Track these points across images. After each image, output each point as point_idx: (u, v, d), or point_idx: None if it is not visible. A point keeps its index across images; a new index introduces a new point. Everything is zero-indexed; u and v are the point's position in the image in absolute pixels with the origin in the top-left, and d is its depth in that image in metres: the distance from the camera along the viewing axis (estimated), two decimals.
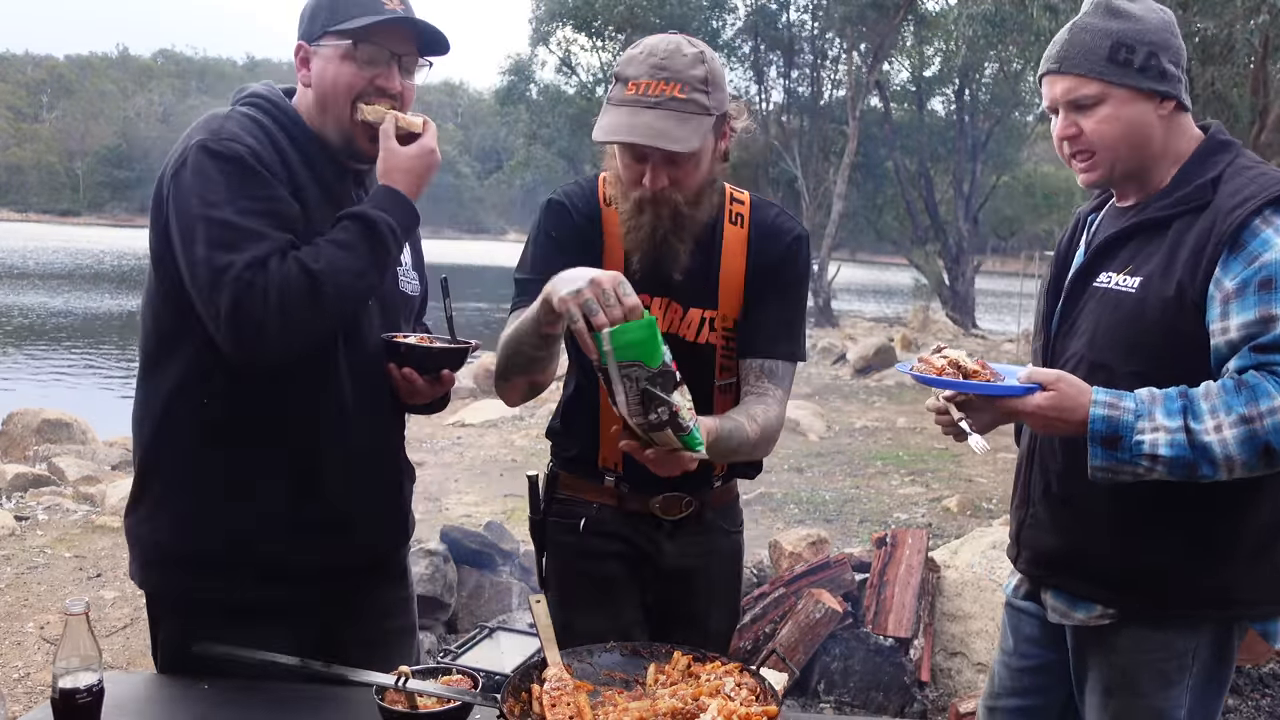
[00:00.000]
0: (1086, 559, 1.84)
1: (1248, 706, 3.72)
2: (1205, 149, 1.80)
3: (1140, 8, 1.78)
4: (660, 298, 1.97)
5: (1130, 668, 1.82)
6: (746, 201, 2.04)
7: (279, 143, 1.77)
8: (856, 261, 41.85)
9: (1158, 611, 1.80)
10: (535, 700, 1.53)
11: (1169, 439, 1.60)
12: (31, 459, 8.18)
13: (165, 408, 1.80)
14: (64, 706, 1.49)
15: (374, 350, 1.86)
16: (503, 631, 3.98)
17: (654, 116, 1.78)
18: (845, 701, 3.72)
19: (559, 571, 2.13)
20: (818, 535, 4.48)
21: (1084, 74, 1.76)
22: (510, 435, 9.40)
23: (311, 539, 1.81)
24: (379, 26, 1.77)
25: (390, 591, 2.03)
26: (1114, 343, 1.77)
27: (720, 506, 2.15)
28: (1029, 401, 1.68)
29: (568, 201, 2.00)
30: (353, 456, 1.85)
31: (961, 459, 8.39)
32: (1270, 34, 9.94)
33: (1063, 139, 1.83)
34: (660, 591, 2.12)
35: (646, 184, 1.83)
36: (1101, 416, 1.64)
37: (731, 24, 24.56)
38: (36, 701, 3.59)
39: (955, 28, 13.01)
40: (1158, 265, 1.74)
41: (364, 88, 1.79)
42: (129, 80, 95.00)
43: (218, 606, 1.78)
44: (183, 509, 1.80)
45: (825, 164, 23.61)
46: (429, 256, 2.20)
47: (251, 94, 1.85)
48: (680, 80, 1.79)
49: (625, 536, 2.07)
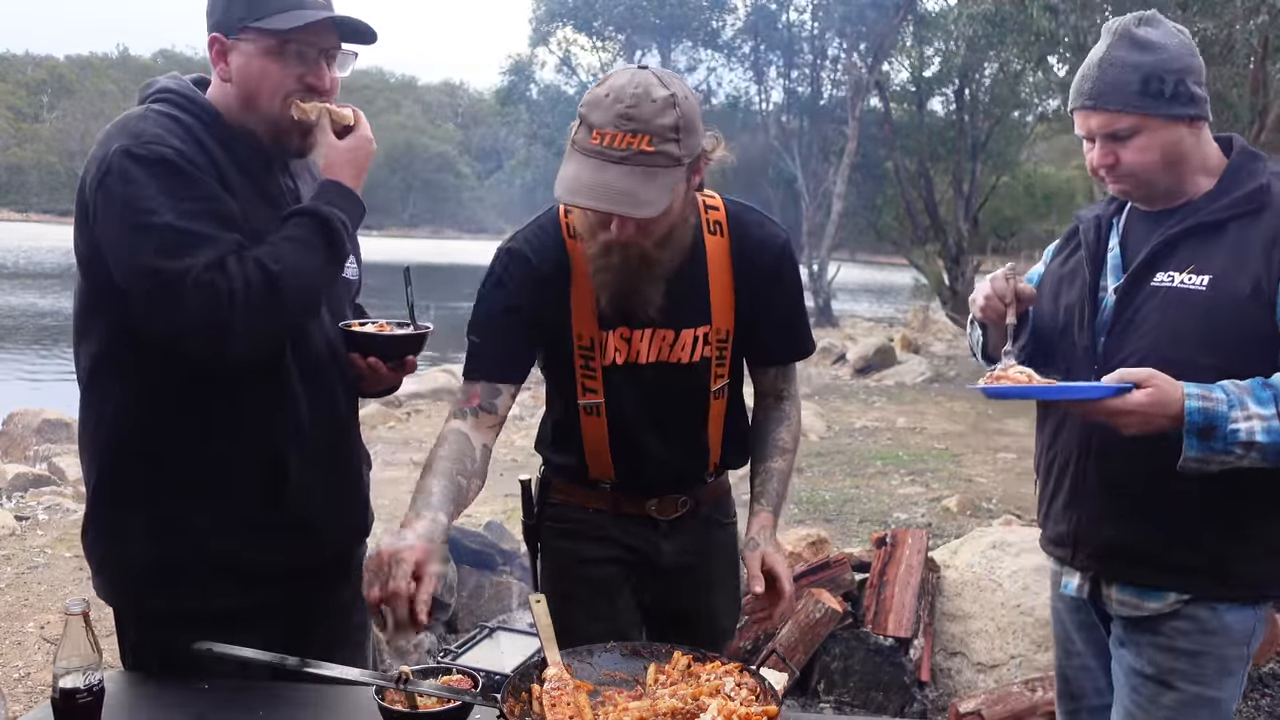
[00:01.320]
0: (1157, 548, 1.90)
1: (1248, 706, 3.72)
2: (1242, 158, 1.91)
3: (1160, 34, 1.85)
4: (646, 329, 1.90)
5: (1195, 654, 1.89)
6: (721, 207, 1.96)
7: (202, 140, 1.74)
8: (856, 261, 41.77)
9: (1228, 594, 1.88)
10: (535, 700, 1.53)
11: (1265, 425, 1.69)
12: (31, 459, 8.18)
13: (111, 425, 1.79)
14: (64, 706, 1.49)
15: (323, 345, 1.86)
16: (503, 631, 3.98)
17: (619, 174, 1.66)
18: (845, 701, 3.72)
19: (554, 576, 2.11)
20: (818, 535, 4.48)
21: (1118, 109, 1.83)
22: (510, 435, 9.39)
23: (274, 542, 1.81)
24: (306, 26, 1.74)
25: (350, 587, 2.01)
26: (1187, 339, 1.83)
27: (713, 500, 2.14)
28: (1129, 400, 1.73)
29: (527, 249, 1.90)
30: (311, 455, 1.84)
31: (961, 459, 8.39)
32: (1270, 34, 9.95)
33: (1100, 167, 1.90)
34: (660, 591, 2.11)
35: (613, 231, 1.74)
36: (1197, 409, 1.71)
37: (731, 24, 24.56)
38: (36, 701, 3.59)
39: (955, 28, 13.01)
40: (1227, 263, 1.82)
41: (294, 87, 1.77)
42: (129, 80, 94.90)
43: (181, 615, 1.78)
44: (138, 521, 1.78)
45: (825, 164, 23.60)
46: (430, 256, 2.22)
47: (162, 90, 1.80)
48: (648, 131, 1.66)
49: (621, 539, 2.06)
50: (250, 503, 1.79)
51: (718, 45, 25.07)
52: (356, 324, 1.93)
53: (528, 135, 28.49)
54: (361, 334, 1.90)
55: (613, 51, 25.76)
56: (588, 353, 1.92)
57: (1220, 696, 1.90)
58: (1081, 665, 2.14)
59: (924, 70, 23.74)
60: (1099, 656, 2.09)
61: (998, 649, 3.88)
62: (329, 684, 1.70)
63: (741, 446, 2.14)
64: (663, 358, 1.93)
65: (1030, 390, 1.82)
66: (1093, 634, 2.10)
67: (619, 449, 1.99)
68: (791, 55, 24.08)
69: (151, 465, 1.77)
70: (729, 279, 1.95)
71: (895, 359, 15.08)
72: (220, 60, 1.78)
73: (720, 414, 2.05)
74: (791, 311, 2.05)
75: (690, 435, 2.02)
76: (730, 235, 1.95)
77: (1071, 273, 2.06)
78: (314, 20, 1.74)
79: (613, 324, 1.90)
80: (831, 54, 24.14)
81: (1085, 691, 2.14)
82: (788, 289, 2.02)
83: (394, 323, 1.98)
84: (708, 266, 1.93)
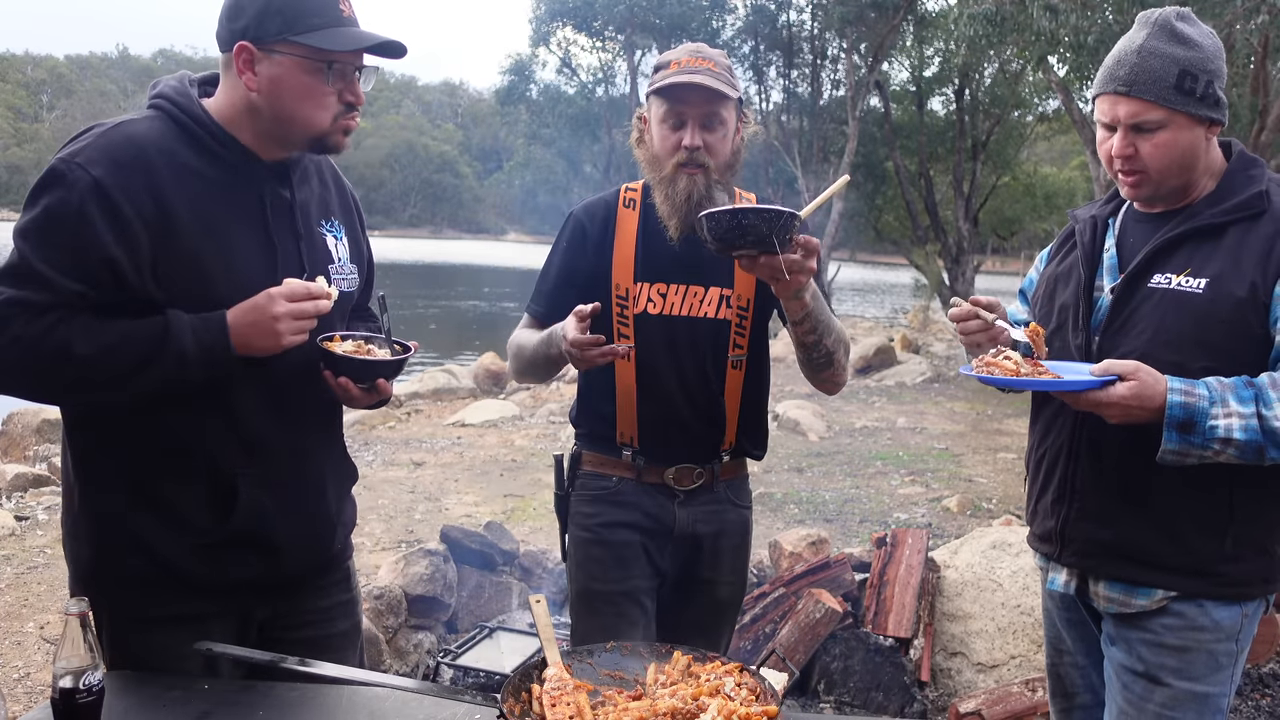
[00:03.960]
0: (1144, 545, 1.91)
1: (1248, 706, 3.72)
2: (1241, 163, 1.93)
3: (1198, 32, 1.87)
4: (680, 284, 2.23)
5: (1184, 650, 1.90)
6: (753, 198, 2.31)
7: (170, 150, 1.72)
8: (856, 261, 41.80)
9: (1215, 591, 1.89)
10: (535, 700, 1.53)
11: (1243, 424, 1.72)
12: (31, 459, 8.17)
13: (73, 425, 1.82)
14: (64, 706, 1.49)
15: (298, 359, 1.81)
16: (503, 631, 3.99)
17: (704, 75, 2.09)
18: (845, 701, 3.72)
19: (580, 540, 2.33)
20: (818, 535, 4.48)
21: (1153, 100, 1.84)
22: (510, 435, 9.39)
23: (219, 556, 1.80)
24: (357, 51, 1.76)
25: (330, 597, 2.02)
26: (1182, 340, 1.85)
27: (729, 480, 2.34)
28: (1113, 392, 1.76)
29: (584, 214, 2.31)
30: (264, 473, 1.82)
31: (962, 459, 8.39)
32: (1270, 34, 9.95)
33: (1118, 157, 1.90)
34: (673, 555, 2.31)
35: (685, 143, 2.11)
36: (1179, 403, 1.74)
37: (731, 24, 24.56)
38: (36, 701, 3.59)
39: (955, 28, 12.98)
40: (1224, 267, 1.84)
41: (337, 106, 1.78)
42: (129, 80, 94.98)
43: (134, 617, 1.80)
44: (104, 528, 1.79)
45: (825, 164, 23.58)
46: (430, 256, 2.24)
47: (158, 96, 1.80)
48: (714, 60, 2.14)
49: (642, 505, 2.28)
50: (197, 516, 1.79)
51: (717, 45, 25.07)
52: (338, 338, 1.89)
53: (528, 135, 28.51)
54: (333, 354, 1.85)
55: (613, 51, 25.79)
56: (623, 302, 2.23)
57: (1211, 692, 1.91)
58: (1073, 663, 2.15)
59: (924, 70, 23.76)
60: (1089, 654, 2.11)
61: (998, 649, 3.88)
62: (329, 684, 1.70)
63: (759, 437, 2.37)
64: (692, 312, 2.23)
65: (1017, 381, 1.84)
66: (1083, 631, 2.11)
67: (644, 399, 2.24)
68: (791, 55, 24.08)
69: (111, 469, 1.78)
70: None
71: (895, 359, 15.06)
72: (247, 69, 1.75)
73: (737, 388, 2.27)
74: None
75: (708, 397, 2.25)
76: None
77: (1067, 272, 2.07)
78: (369, 45, 1.76)
79: (648, 277, 2.23)
80: (831, 54, 24.13)
81: (1077, 689, 2.16)
82: None
83: (377, 337, 1.95)
84: None
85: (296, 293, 1.73)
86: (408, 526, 6.01)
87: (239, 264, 1.76)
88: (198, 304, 1.71)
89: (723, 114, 2.13)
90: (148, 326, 1.67)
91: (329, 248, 1.93)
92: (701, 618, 2.36)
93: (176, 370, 1.68)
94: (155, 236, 1.68)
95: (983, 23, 11.47)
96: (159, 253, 1.68)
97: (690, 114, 2.11)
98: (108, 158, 1.67)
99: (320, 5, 1.74)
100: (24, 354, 1.62)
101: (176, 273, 1.70)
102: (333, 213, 1.98)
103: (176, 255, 1.70)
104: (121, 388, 1.68)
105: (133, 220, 1.66)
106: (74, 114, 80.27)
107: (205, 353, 1.69)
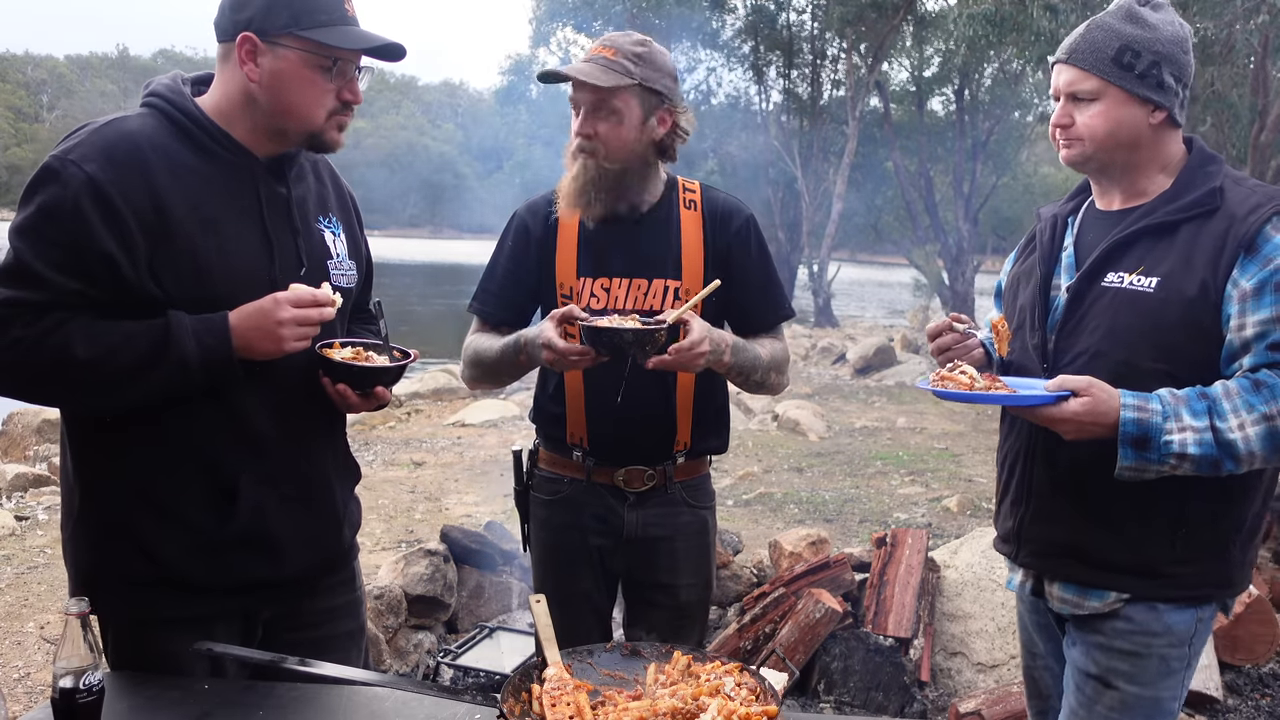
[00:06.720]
0: (1097, 547, 1.90)
1: (1248, 706, 3.72)
2: (1198, 159, 1.91)
3: (1159, 18, 1.86)
4: (623, 278, 2.21)
5: (1136, 655, 1.89)
6: (697, 189, 2.31)
7: (164, 146, 1.72)
8: (856, 261, 41.81)
9: (1168, 594, 1.87)
10: (535, 700, 1.53)
11: (1197, 438, 1.70)
12: (31, 459, 8.17)
13: (72, 426, 1.81)
14: (64, 706, 1.49)
15: (299, 361, 1.80)
16: (503, 631, 3.99)
17: (587, 66, 2.11)
18: (845, 701, 3.72)
19: (535, 540, 2.37)
20: (818, 535, 4.47)
21: (1086, 69, 1.86)
22: (510, 435, 9.39)
23: (222, 558, 1.79)
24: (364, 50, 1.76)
25: (335, 597, 2.01)
26: (1135, 339, 1.83)
27: (685, 481, 2.30)
28: (1065, 409, 1.75)
29: (527, 212, 2.32)
30: (266, 475, 1.82)
31: (961, 459, 8.39)
32: (1270, 34, 9.95)
33: (1056, 125, 1.94)
34: (627, 559, 2.30)
35: (574, 130, 2.15)
36: (1132, 419, 1.72)
37: (731, 24, 24.57)
38: (36, 701, 3.59)
39: (955, 28, 12.98)
40: (1175, 265, 1.82)
41: (334, 104, 1.79)
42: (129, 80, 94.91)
43: (156, 622, 1.79)
44: (105, 531, 1.79)
45: (825, 164, 23.60)
46: (431, 256, 2.24)
47: (151, 94, 1.80)
48: (614, 48, 2.14)
49: (590, 508, 2.27)
50: (199, 517, 1.78)
51: (717, 45, 25.07)
52: (337, 344, 1.88)
53: (528, 135, 28.51)
54: (330, 360, 1.84)
55: None
56: (568, 299, 2.22)
57: (1160, 696, 1.90)
58: (1044, 666, 2.15)
59: (924, 70, 23.76)
60: (1058, 656, 2.10)
61: (998, 649, 3.88)
62: (329, 684, 1.70)
63: (717, 432, 2.32)
64: (637, 306, 2.20)
65: (971, 395, 1.85)
66: (1051, 634, 2.11)
67: (592, 399, 2.22)
68: (791, 55, 24.08)
69: (111, 470, 1.77)
70: (700, 246, 2.24)
71: (895, 359, 15.06)
72: (249, 60, 1.74)
73: (689, 387, 2.23)
74: (764, 275, 2.29)
75: (656, 395, 2.21)
76: (703, 207, 2.27)
77: (1028, 271, 2.08)
78: (374, 45, 1.76)
79: (590, 272, 2.22)
80: (831, 54, 24.14)
81: (1050, 692, 2.15)
82: (756, 252, 2.29)
83: (375, 343, 1.94)
84: (681, 232, 2.24)
85: (303, 299, 1.73)
86: (408, 526, 6.01)
87: (236, 260, 1.75)
88: (195, 300, 1.70)
89: (613, 103, 2.11)
90: (149, 328, 1.67)
91: (327, 244, 1.93)
92: (667, 621, 2.32)
93: (179, 373, 1.67)
94: (151, 232, 1.67)
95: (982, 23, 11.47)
96: (155, 249, 1.68)
97: (581, 101, 2.14)
98: (102, 154, 1.66)
99: (327, 2, 1.74)
100: (24, 356, 1.62)
101: (173, 269, 1.69)
102: (330, 209, 1.98)
103: (173, 251, 1.69)
104: (122, 391, 1.68)
105: (128, 217, 1.65)
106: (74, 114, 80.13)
107: (207, 354, 1.68)
